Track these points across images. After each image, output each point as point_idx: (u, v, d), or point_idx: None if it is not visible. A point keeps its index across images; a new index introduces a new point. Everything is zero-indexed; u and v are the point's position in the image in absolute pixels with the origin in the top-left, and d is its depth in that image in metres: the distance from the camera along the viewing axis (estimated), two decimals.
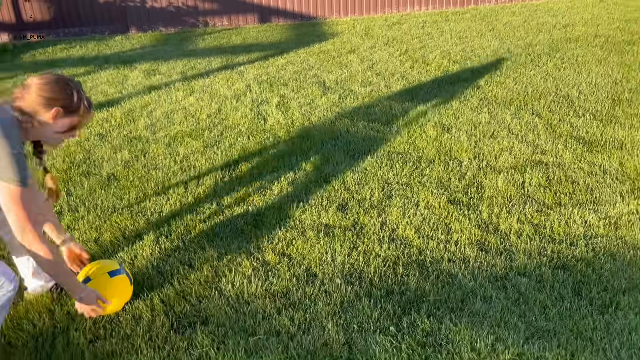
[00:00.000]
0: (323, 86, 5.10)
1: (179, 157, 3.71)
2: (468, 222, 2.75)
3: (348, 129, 4.03)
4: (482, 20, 7.72)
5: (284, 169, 3.43)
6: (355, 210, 2.93)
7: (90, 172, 3.53)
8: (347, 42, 6.97)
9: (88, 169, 3.56)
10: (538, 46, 6.07)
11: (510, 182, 3.12)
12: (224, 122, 4.30)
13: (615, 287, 2.25)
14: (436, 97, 4.59)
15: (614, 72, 4.99)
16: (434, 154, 3.52)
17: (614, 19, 7.22)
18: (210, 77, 5.63)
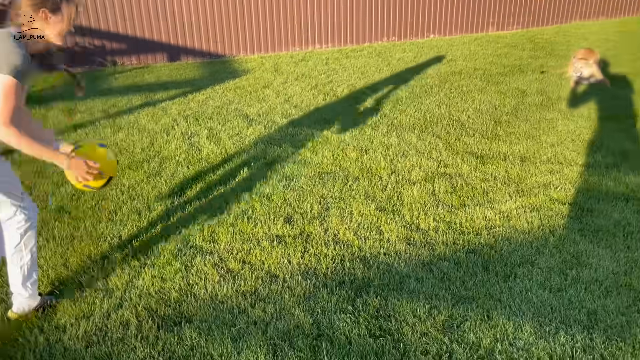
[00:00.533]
0: (247, 119, 5.54)
1: (125, 187, 3.95)
2: (395, 224, 3.31)
3: (279, 155, 4.49)
4: (378, 57, 8.60)
5: (228, 192, 3.81)
6: (300, 221, 3.38)
7: (38, 206, 3.67)
8: (259, 78, 7.48)
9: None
10: (429, 79, 6.97)
11: (424, 191, 3.74)
12: (160, 154, 4.59)
13: (513, 262, 2.89)
14: (351, 125, 5.21)
15: (493, 99, 5.93)
16: (357, 172, 4.08)
17: (487, 54, 8.40)
18: (133, 113, 5.86)
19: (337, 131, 5.03)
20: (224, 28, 9.13)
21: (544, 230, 3.19)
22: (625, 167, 4.02)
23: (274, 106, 5.99)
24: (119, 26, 8.65)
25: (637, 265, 2.82)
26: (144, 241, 3.20)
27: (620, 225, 3.22)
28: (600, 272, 2.77)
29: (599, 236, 3.11)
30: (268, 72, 7.83)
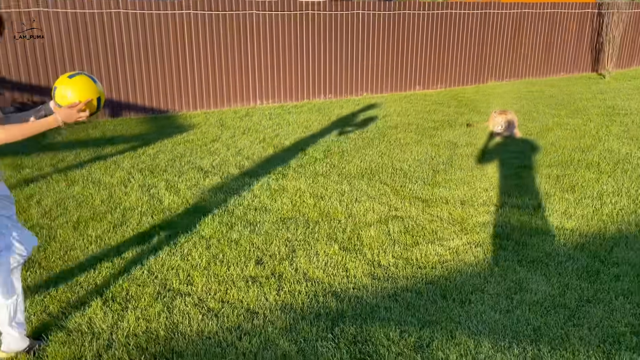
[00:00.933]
0: (202, 170, 5.76)
1: (92, 237, 4.03)
2: (358, 262, 3.63)
3: (239, 203, 4.73)
4: (318, 112, 9.12)
5: (197, 239, 3.99)
6: (270, 263, 3.62)
7: None
8: (207, 132, 7.73)
9: None
10: (369, 132, 7.51)
11: (380, 232, 4.10)
12: (122, 205, 4.70)
13: (466, 290, 3.27)
14: (303, 174, 5.56)
15: (428, 150, 6.51)
16: (317, 217, 4.40)
17: (418, 110, 9.14)
18: (85, 168, 5.91)
19: (292, 180, 5.35)
20: (167, 84, 9.37)
21: (489, 262, 3.62)
22: (548, 207, 4.59)
23: (226, 158, 6.24)
24: None
25: (569, 288, 3.28)
26: (121, 286, 3.31)
27: (551, 255, 3.70)
28: (540, 295, 3.20)
29: (534, 265, 3.57)
30: (214, 127, 8.10)
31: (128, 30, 8.86)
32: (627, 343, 2.72)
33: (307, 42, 10.14)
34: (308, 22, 10.08)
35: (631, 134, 7.03)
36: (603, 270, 3.46)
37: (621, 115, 8.22)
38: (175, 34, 9.19)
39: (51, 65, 8.47)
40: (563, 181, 5.23)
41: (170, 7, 9.14)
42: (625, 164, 5.74)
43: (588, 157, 6.03)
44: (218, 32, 9.46)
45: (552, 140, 6.82)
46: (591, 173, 5.46)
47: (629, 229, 4.10)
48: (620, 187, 5.02)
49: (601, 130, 7.29)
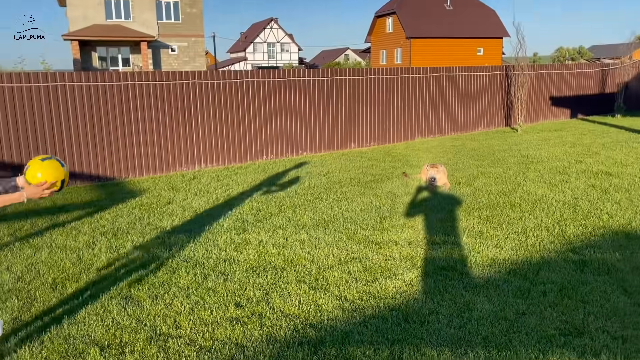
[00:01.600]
0: (164, 230, 6.06)
1: (73, 295, 4.24)
2: (327, 298, 4.08)
3: (208, 256, 5.09)
4: (263, 172, 9.65)
5: (177, 289, 4.31)
6: (249, 305, 4.00)
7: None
8: (159, 195, 8.02)
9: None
10: (315, 188, 8.10)
11: (342, 272, 4.59)
12: (94, 266, 4.92)
13: (423, 313, 3.80)
14: (262, 227, 5.99)
15: (372, 200, 7.16)
16: (283, 263, 4.83)
17: (357, 167, 9.89)
18: (45, 235, 6.05)
19: (253, 233, 5.77)
20: (113, 152, 9.61)
21: (439, 290, 4.18)
22: (482, 242, 5.28)
23: (185, 218, 6.58)
24: (3, 152, 8.74)
25: (507, 304, 3.88)
26: (114, 335, 3.57)
27: (490, 281, 4.33)
28: (484, 312, 3.78)
29: (477, 289, 4.17)
30: (165, 191, 8.40)
31: (74, 100, 9.14)
32: (557, 342, 3.32)
33: (248, 107, 10.78)
34: (248, 89, 10.76)
35: (544, 178, 8.03)
36: (532, 289, 4.11)
37: (534, 163, 9.32)
38: (121, 103, 9.55)
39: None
40: (492, 220, 5.99)
41: (116, 79, 9.55)
42: (541, 203, 6.61)
43: (510, 199, 6.88)
44: (162, 100, 9.92)
45: (478, 186, 7.68)
46: (514, 212, 6.27)
47: (550, 256, 4.83)
48: (540, 223, 5.82)
49: (519, 176, 8.27)
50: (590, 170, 8.44)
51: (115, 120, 9.51)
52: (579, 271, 4.44)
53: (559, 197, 6.85)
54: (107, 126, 9.45)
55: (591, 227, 5.61)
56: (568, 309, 3.76)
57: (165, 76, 9.95)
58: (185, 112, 10.12)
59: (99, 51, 33.33)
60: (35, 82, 8.86)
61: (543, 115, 16.23)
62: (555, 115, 16.57)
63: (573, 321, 3.59)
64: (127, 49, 34.02)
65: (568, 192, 7.08)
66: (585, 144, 11.25)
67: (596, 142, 11.43)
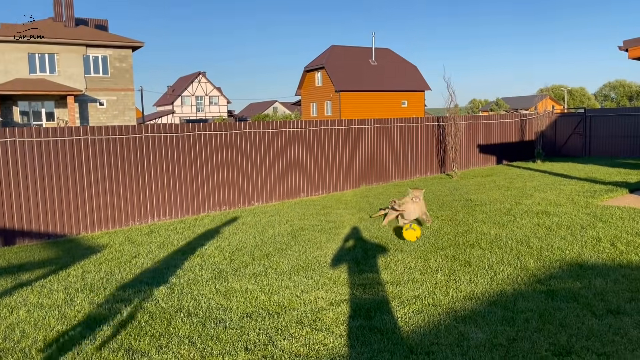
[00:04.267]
0: (143, 283, 6.00)
1: (70, 356, 4.15)
2: (332, 337, 4.26)
3: (199, 306, 5.12)
4: (221, 223, 9.69)
5: (179, 338, 4.32)
6: (257, 349, 4.10)
7: None
8: (122, 250, 7.87)
9: None
10: (281, 236, 8.28)
11: (338, 312, 4.79)
12: (82, 321, 4.82)
13: (426, 344, 4.07)
14: (244, 276, 6.08)
15: (341, 245, 7.44)
16: (276, 308, 4.96)
17: (313, 214, 10.17)
18: (14, 295, 5.81)
19: (236, 282, 5.86)
20: (63, 207, 9.35)
21: (435, 324, 4.48)
22: (457, 278, 5.67)
23: (159, 271, 6.53)
24: None
25: (498, 332, 4.23)
26: None
27: (475, 312, 4.67)
28: (480, 340, 4.10)
29: (467, 321, 4.50)
30: (126, 245, 8.26)
31: (23, 155, 8.89)
32: None
33: (201, 159, 10.89)
34: (202, 141, 10.90)
35: (492, 219, 8.69)
36: (516, 317, 4.51)
37: (479, 206, 10.03)
38: (73, 158, 9.39)
39: None
40: (459, 259, 6.44)
41: (68, 134, 9.41)
42: (498, 242, 7.17)
43: (469, 239, 7.40)
44: (115, 154, 9.84)
45: (436, 228, 8.19)
46: (476, 251, 6.77)
47: (520, 288, 5.29)
48: (502, 259, 6.34)
49: (469, 218, 8.88)
50: (531, 210, 9.22)
51: (67, 173, 9.32)
52: (550, 299, 4.90)
53: (511, 236, 7.45)
54: (58, 180, 9.24)
55: (548, 260, 6.18)
56: (552, 333, 4.17)
57: (116, 130, 9.92)
58: (138, 163, 10.08)
59: (21, 105, 32.09)
60: None
61: (473, 162, 17.40)
62: (484, 162, 17.82)
63: (559, 343, 3.99)
64: (52, 103, 33.00)
65: (518, 231, 7.71)
66: (518, 187, 12.21)
67: (527, 186, 12.43)
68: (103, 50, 34.23)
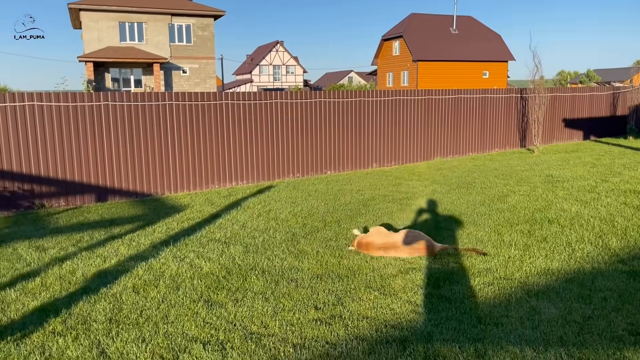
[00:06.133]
0: (221, 242, 6.32)
1: (159, 299, 4.50)
2: (399, 302, 4.33)
3: (272, 265, 5.34)
4: (295, 189, 9.92)
5: (252, 294, 4.56)
6: (326, 308, 4.25)
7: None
8: (202, 210, 8.28)
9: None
10: (352, 204, 8.38)
11: (407, 280, 4.85)
12: (166, 273, 5.18)
13: (496, 316, 4.04)
14: (315, 241, 6.25)
15: (412, 215, 7.43)
16: (345, 272, 5.09)
17: (384, 184, 10.17)
18: (105, 246, 6.31)
19: (307, 245, 6.04)
20: (150, 169, 9.92)
21: (505, 297, 4.43)
22: (531, 254, 5.53)
23: (235, 231, 6.84)
24: (49, 169, 9.05)
25: (572, 309, 4.12)
26: (209, 333, 3.82)
27: (550, 287, 4.57)
28: (552, 316, 4.02)
29: (539, 296, 4.41)
30: (206, 206, 8.68)
31: (115, 119, 9.48)
32: (628, 341, 3.58)
33: (275, 127, 11.13)
34: (277, 109, 11.12)
35: (574, 196, 8.31)
36: (593, 295, 4.37)
37: (561, 182, 9.62)
38: (159, 122, 9.90)
39: (34, 153, 8.90)
40: (535, 234, 6.26)
41: (155, 99, 9.90)
42: (579, 219, 6.88)
43: (547, 215, 7.15)
44: (198, 119, 10.26)
45: (512, 203, 7.96)
46: (554, 227, 6.54)
47: (600, 267, 5.09)
48: (582, 237, 6.09)
49: (549, 194, 8.55)
50: (618, 188, 8.73)
51: (154, 137, 9.85)
52: (632, 280, 4.69)
53: (594, 214, 7.12)
54: (145, 143, 9.79)
55: (633, 240, 5.88)
56: (631, 313, 4.01)
57: (200, 97, 10.31)
58: (218, 129, 10.46)
59: (112, 72, 33.93)
60: (80, 101, 9.22)
61: (557, 137, 16.58)
62: (569, 137, 16.93)
63: (638, 323, 3.84)
64: (140, 71, 34.62)
65: (602, 209, 7.35)
66: (605, 164, 11.55)
67: (616, 163, 11.73)
68: (187, 19, 35.31)
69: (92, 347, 3.66)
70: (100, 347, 3.66)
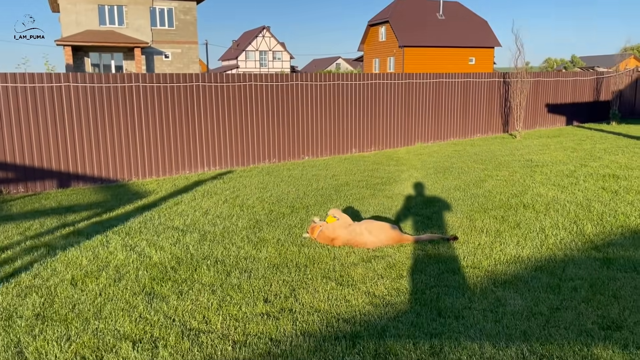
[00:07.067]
0: (178, 229, 5.97)
1: (95, 291, 4.14)
2: (356, 294, 4.02)
3: (228, 254, 5.01)
4: (268, 175, 9.57)
5: (200, 285, 4.22)
6: (277, 301, 3.92)
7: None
8: (166, 197, 7.91)
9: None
10: (324, 189, 8.05)
11: (367, 269, 4.54)
12: (112, 263, 4.82)
13: (458, 308, 3.75)
14: (278, 227, 5.92)
15: (383, 201, 7.12)
16: (305, 261, 4.76)
17: (361, 170, 9.85)
18: (55, 233, 5.93)
19: (269, 233, 5.70)
20: (116, 154, 9.50)
21: (469, 286, 4.13)
22: (502, 241, 5.25)
23: (196, 218, 6.49)
24: (6, 154, 8.61)
25: (540, 300, 3.84)
26: (143, 329, 3.48)
27: (517, 277, 4.28)
28: (518, 307, 3.73)
29: (507, 286, 4.12)
30: (171, 192, 8.30)
31: (78, 101, 9.03)
32: (598, 335, 3.29)
33: (251, 111, 10.73)
34: (252, 92, 10.72)
35: (552, 181, 8.05)
36: (562, 285, 4.08)
37: (539, 167, 9.35)
38: (125, 105, 9.46)
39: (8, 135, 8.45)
40: (508, 220, 5.97)
41: (120, 80, 9.45)
42: (554, 204, 6.61)
43: (522, 200, 6.88)
44: (166, 103, 9.83)
45: (488, 188, 7.68)
46: (529, 213, 6.26)
47: (573, 254, 4.81)
48: (557, 223, 5.82)
49: (527, 179, 8.28)
50: (597, 173, 8.48)
51: (119, 121, 9.42)
52: (605, 268, 4.42)
53: (570, 199, 6.86)
54: (110, 127, 9.36)
55: (609, 226, 5.61)
56: (602, 305, 3.74)
57: (170, 78, 9.88)
58: (188, 114, 10.05)
59: (92, 57, 33.12)
60: (39, 82, 8.75)
61: (539, 123, 16.34)
62: (551, 123, 16.70)
63: (609, 316, 3.56)
64: (120, 55, 33.83)
65: (579, 194, 7.09)
66: (586, 149, 11.32)
67: (597, 148, 11.50)
68: (168, 2, 34.52)
69: (9, 346, 3.31)
70: (19, 346, 3.31)
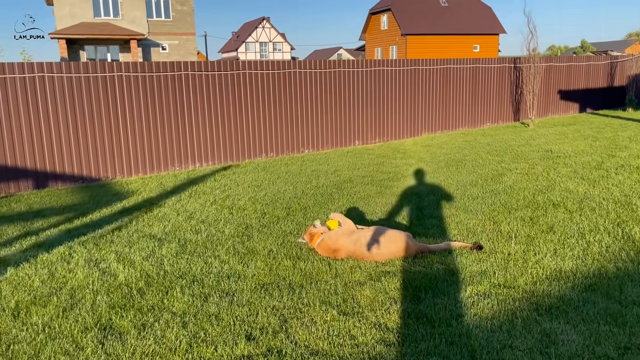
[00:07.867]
0: (154, 238, 5.14)
1: (38, 326, 3.32)
2: (363, 327, 3.18)
3: (207, 271, 4.17)
4: (264, 171, 8.73)
5: (170, 316, 3.39)
6: (263, 338, 3.09)
7: None
8: (149, 198, 7.08)
9: None
10: (325, 187, 7.20)
11: (376, 290, 3.70)
12: (68, 285, 4.00)
13: (494, 348, 2.91)
14: (271, 235, 5.09)
15: (391, 200, 6.27)
16: (300, 280, 3.93)
17: (366, 164, 9.00)
18: (14, 245, 5.12)
19: (259, 241, 4.87)
20: (98, 151, 8.68)
21: (506, 314, 3.29)
22: (536, 249, 4.40)
23: (178, 224, 5.66)
24: None
25: (601, 335, 3.00)
26: None
27: (564, 300, 3.44)
28: (575, 347, 2.89)
29: (553, 313, 3.28)
30: (156, 191, 7.48)
31: (54, 93, 8.19)
32: None
33: (245, 101, 9.87)
34: (242, 81, 9.85)
35: (580, 174, 7.18)
36: (625, 312, 3.23)
37: (562, 158, 8.48)
38: (107, 97, 8.62)
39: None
40: (538, 222, 5.12)
41: (101, 70, 8.60)
42: (589, 202, 5.75)
43: (550, 197, 6.02)
44: (153, 94, 8.98)
45: (509, 184, 6.82)
46: (561, 213, 5.41)
47: (627, 267, 3.96)
48: (597, 225, 4.96)
49: (550, 172, 7.41)
50: (628, 164, 7.61)
51: (101, 115, 8.58)
52: None
53: (605, 195, 5.99)
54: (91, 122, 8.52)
55: None
56: None
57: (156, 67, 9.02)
58: (177, 105, 9.20)
59: (87, 50, 32.22)
60: (10, 73, 7.90)
61: (552, 110, 15.44)
62: (564, 110, 15.79)
63: None
64: (117, 48, 32.92)
65: (614, 189, 6.22)
66: (608, 138, 10.42)
67: (619, 136, 10.61)
68: None
69: None
70: None
